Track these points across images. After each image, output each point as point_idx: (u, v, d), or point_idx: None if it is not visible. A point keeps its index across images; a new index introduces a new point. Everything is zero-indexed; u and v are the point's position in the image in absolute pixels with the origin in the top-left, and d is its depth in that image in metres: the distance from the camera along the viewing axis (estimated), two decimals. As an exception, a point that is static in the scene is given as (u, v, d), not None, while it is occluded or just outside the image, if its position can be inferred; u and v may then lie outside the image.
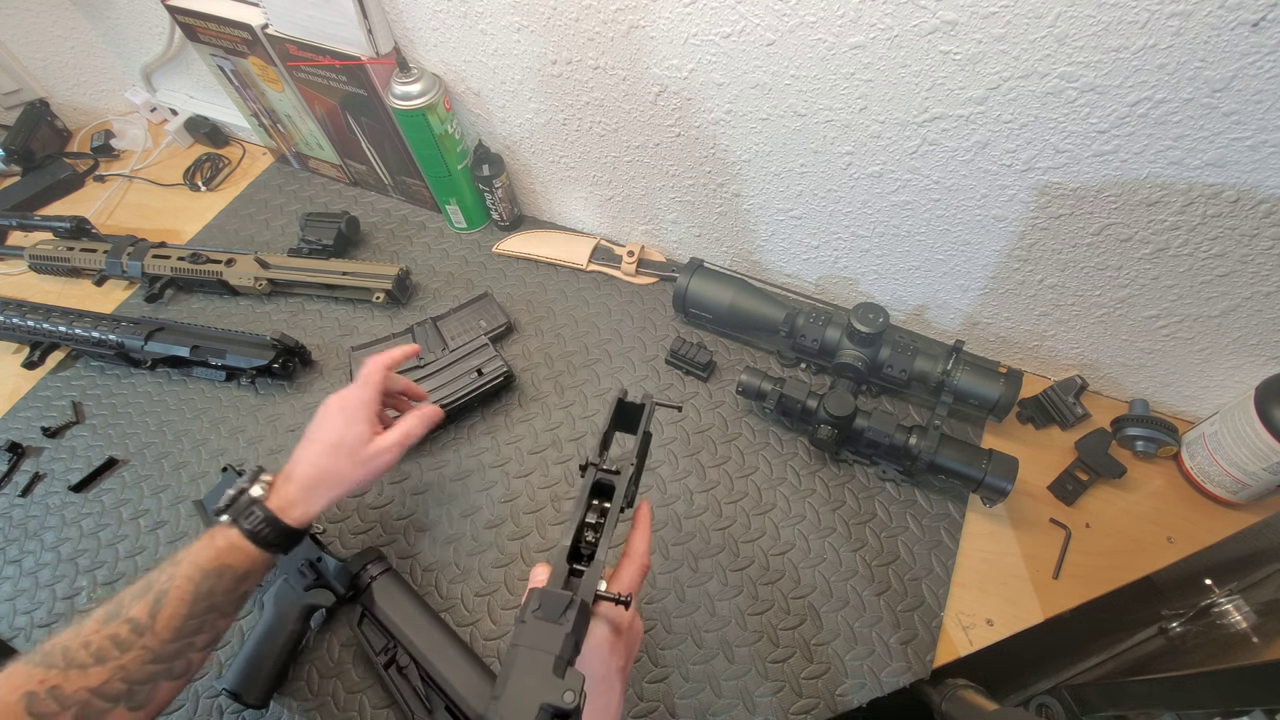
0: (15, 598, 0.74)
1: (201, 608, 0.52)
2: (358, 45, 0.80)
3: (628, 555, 0.48)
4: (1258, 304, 0.61)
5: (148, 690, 0.49)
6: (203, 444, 0.84)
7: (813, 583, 0.69)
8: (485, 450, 0.80)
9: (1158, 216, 0.58)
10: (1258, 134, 0.49)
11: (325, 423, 0.62)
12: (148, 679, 0.49)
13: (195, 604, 0.52)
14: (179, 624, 0.51)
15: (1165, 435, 0.71)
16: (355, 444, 0.61)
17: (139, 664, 0.49)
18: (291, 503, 0.57)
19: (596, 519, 0.46)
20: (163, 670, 0.50)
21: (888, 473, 0.74)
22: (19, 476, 0.83)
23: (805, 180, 0.73)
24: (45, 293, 1.00)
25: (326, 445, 0.60)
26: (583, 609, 0.40)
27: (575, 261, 0.95)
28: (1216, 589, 0.67)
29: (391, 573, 0.69)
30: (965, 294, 0.76)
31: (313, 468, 0.59)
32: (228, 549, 0.54)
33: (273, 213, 1.08)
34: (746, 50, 0.62)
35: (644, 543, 0.49)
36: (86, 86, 1.20)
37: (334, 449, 0.60)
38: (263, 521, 0.56)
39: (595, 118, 0.79)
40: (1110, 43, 0.49)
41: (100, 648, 0.48)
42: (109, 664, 0.48)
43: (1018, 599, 0.67)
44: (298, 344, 0.87)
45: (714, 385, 0.84)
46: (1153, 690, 0.58)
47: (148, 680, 0.49)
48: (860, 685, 0.63)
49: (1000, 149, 0.59)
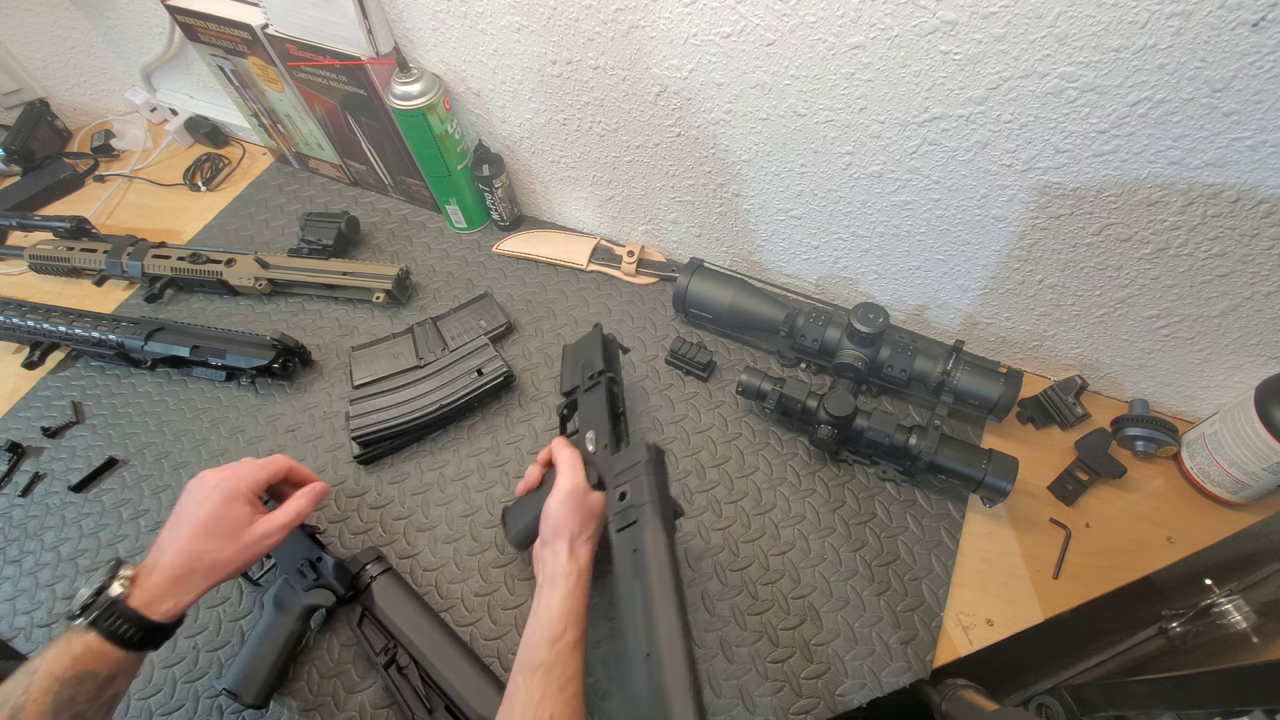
0: (15, 598, 0.74)
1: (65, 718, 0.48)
2: (358, 45, 0.80)
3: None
4: (1258, 304, 0.61)
5: None
6: (203, 444, 0.84)
7: (813, 583, 0.69)
8: (485, 450, 0.80)
9: (1158, 216, 0.58)
10: (1258, 134, 0.50)
11: (199, 504, 0.57)
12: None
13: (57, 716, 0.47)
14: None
15: (1165, 435, 0.71)
16: (235, 526, 0.56)
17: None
18: (158, 597, 0.52)
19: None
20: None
21: (888, 473, 0.74)
22: (19, 476, 0.83)
23: (805, 180, 0.73)
24: (45, 293, 1.00)
25: (200, 528, 0.55)
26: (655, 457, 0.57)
27: (575, 261, 0.95)
28: (1216, 589, 0.67)
29: (391, 573, 0.69)
30: (965, 294, 0.76)
31: (183, 555, 0.54)
32: (86, 655, 0.49)
33: (273, 213, 1.08)
34: (746, 50, 0.62)
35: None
36: (86, 86, 1.20)
37: (210, 532, 0.55)
38: (124, 621, 0.51)
39: (595, 118, 0.79)
40: (1110, 43, 0.49)
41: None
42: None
43: (1018, 599, 0.67)
44: (298, 344, 0.87)
45: (714, 385, 0.84)
46: (1153, 690, 0.58)
47: None
48: (860, 685, 0.63)
49: (1000, 149, 0.59)
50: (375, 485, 0.78)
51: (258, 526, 0.58)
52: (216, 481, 0.58)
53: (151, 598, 0.52)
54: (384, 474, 0.79)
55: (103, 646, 0.50)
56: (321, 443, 0.82)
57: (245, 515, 0.57)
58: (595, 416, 0.68)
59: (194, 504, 0.57)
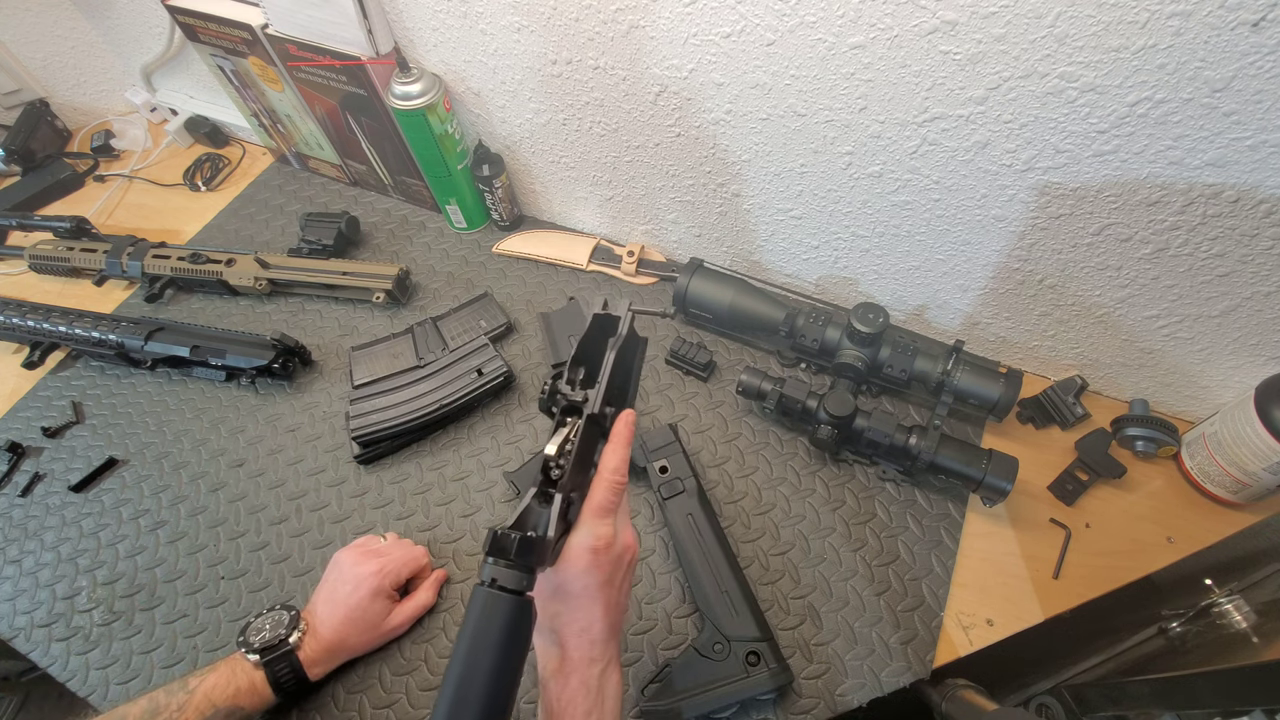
0: (15, 598, 0.74)
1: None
2: (358, 45, 0.80)
3: (598, 472, 0.47)
4: (1258, 304, 0.61)
5: None
6: (203, 444, 0.84)
7: (813, 583, 0.69)
8: (485, 450, 0.80)
9: (1158, 216, 0.58)
10: (1258, 134, 0.49)
11: (352, 589, 0.62)
12: None
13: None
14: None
15: (1165, 435, 0.71)
16: (376, 620, 0.62)
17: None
18: (314, 661, 0.59)
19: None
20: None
21: (888, 473, 0.74)
22: (19, 476, 0.83)
23: (805, 180, 0.73)
24: (45, 293, 1.00)
25: (348, 616, 0.61)
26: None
27: (575, 261, 0.95)
28: (1216, 589, 0.67)
29: None
30: (965, 294, 0.76)
31: (336, 635, 0.60)
32: (248, 691, 0.54)
33: (273, 213, 1.08)
34: (746, 50, 0.62)
35: (616, 458, 0.47)
36: (86, 86, 1.20)
37: (355, 621, 0.61)
38: (291, 671, 0.57)
39: (595, 118, 0.79)
40: (1110, 43, 0.49)
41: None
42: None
43: (1018, 599, 0.67)
44: (298, 344, 0.87)
45: (714, 385, 0.84)
46: (1153, 690, 0.58)
47: None
48: (860, 685, 0.63)
49: (1000, 149, 0.59)
50: (376, 485, 0.78)
51: (391, 619, 0.64)
52: (368, 574, 0.63)
53: (309, 660, 0.58)
54: (384, 474, 0.79)
55: (264, 688, 0.55)
56: (321, 443, 0.82)
57: (385, 609, 0.63)
58: None
59: (348, 588, 0.62)
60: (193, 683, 0.53)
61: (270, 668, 0.56)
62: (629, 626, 0.67)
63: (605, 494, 0.46)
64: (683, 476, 0.71)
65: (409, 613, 0.65)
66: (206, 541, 0.76)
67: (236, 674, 0.55)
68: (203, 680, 0.54)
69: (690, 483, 0.71)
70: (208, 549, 0.76)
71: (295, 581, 0.72)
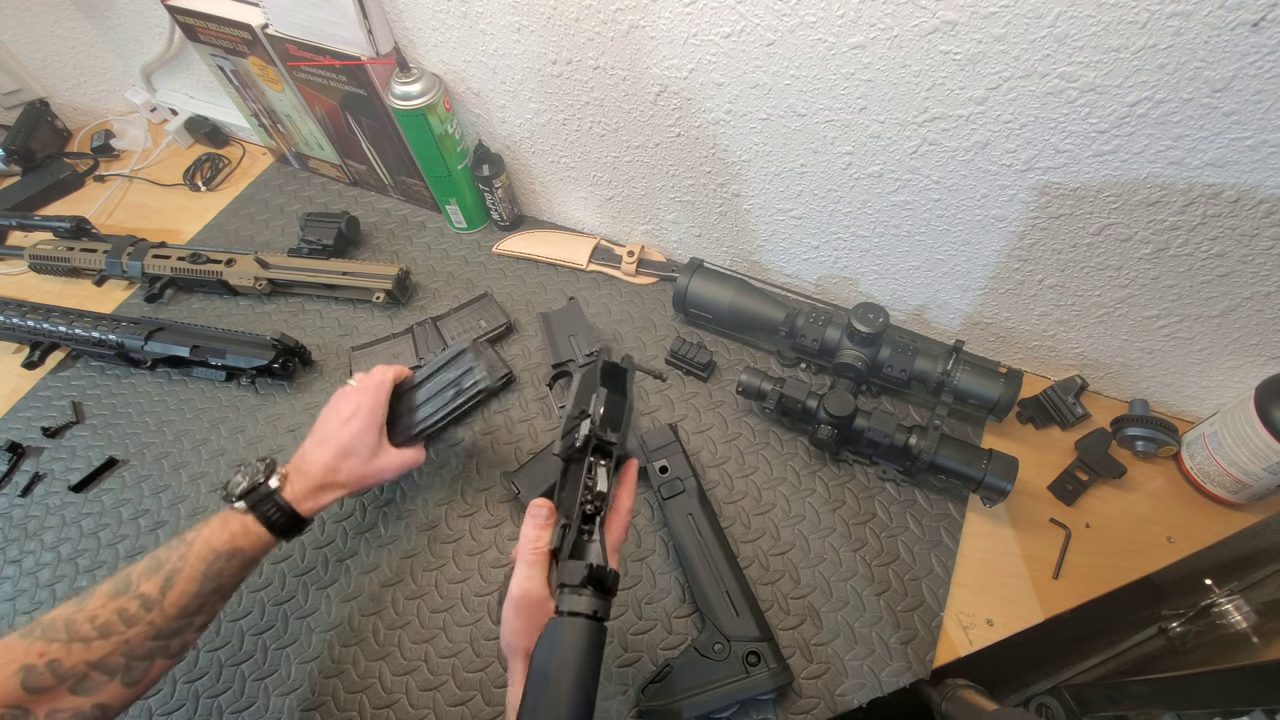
0: (15, 597, 0.74)
1: (209, 588, 0.54)
2: (358, 45, 0.80)
3: (614, 511, 0.53)
4: (1258, 304, 0.61)
5: (144, 666, 0.51)
6: (203, 444, 0.84)
7: (813, 583, 0.69)
8: (485, 450, 0.80)
9: (1158, 216, 0.58)
10: (1258, 134, 0.49)
11: (343, 423, 0.63)
12: (147, 655, 0.51)
13: (204, 584, 0.54)
14: (186, 602, 0.52)
15: (1165, 435, 0.71)
16: (366, 454, 0.63)
17: (141, 639, 0.50)
18: (303, 497, 0.60)
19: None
20: (161, 647, 0.52)
21: (888, 473, 0.74)
22: (19, 476, 0.83)
23: (805, 180, 0.73)
24: (45, 293, 1.00)
25: (339, 450, 0.62)
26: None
27: (575, 261, 0.95)
28: (1216, 589, 0.67)
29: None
30: (965, 294, 0.76)
31: (323, 469, 0.61)
32: (241, 533, 0.56)
33: (273, 213, 1.08)
34: (746, 50, 0.62)
35: (630, 499, 0.55)
36: (86, 86, 1.20)
37: (345, 455, 0.62)
38: (278, 510, 0.58)
39: (595, 118, 0.79)
40: (1110, 43, 0.49)
41: (106, 622, 0.49)
42: (112, 638, 0.49)
43: (1018, 599, 0.67)
44: (298, 344, 0.87)
45: (714, 385, 0.84)
46: (1153, 690, 0.58)
47: (146, 656, 0.51)
48: (860, 685, 0.63)
49: (1000, 149, 0.59)
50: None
51: (381, 459, 0.64)
52: (353, 409, 0.64)
53: (296, 497, 0.60)
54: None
55: (256, 528, 0.57)
56: (321, 443, 0.82)
57: (374, 444, 0.64)
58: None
59: (339, 421, 0.64)
60: (189, 536, 0.55)
61: (258, 509, 0.57)
62: (629, 627, 0.67)
63: (623, 531, 0.53)
64: (683, 476, 0.71)
65: (398, 460, 0.66)
66: (206, 541, 0.76)
67: (228, 521, 0.56)
68: (199, 532, 0.55)
69: (690, 483, 0.71)
70: (208, 549, 0.76)
71: (296, 581, 0.72)
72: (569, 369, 0.79)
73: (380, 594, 0.71)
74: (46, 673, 0.46)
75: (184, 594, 0.52)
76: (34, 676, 0.46)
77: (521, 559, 0.50)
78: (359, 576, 0.72)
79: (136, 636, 0.50)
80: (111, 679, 0.49)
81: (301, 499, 0.60)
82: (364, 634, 0.69)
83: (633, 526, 0.73)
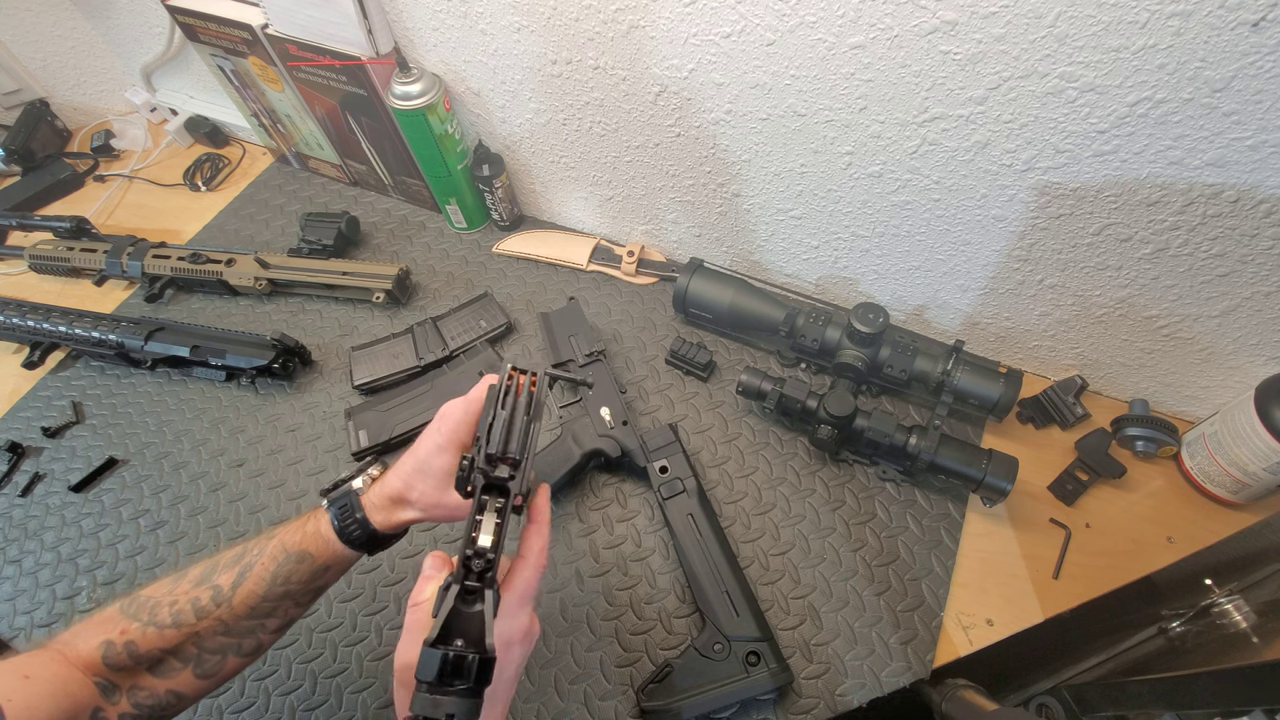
0: (15, 598, 0.74)
1: (278, 592, 0.50)
2: (358, 45, 0.80)
3: (521, 556, 0.45)
4: (1258, 304, 0.61)
5: (216, 660, 0.50)
6: (203, 444, 0.84)
7: (813, 583, 0.69)
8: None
9: (1158, 216, 0.58)
10: (1258, 134, 0.49)
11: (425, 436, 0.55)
12: (218, 650, 0.50)
13: (272, 586, 0.50)
14: (254, 603, 0.50)
15: (1165, 435, 0.71)
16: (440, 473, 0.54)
17: (211, 634, 0.49)
18: (377, 506, 0.54)
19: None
20: (232, 645, 0.50)
21: (888, 473, 0.74)
22: (19, 476, 0.83)
23: (805, 180, 0.73)
24: (45, 293, 1.00)
25: (416, 465, 0.54)
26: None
27: (575, 261, 0.95)
28: (1216, 589, 0.67)
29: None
30: (965, 294, 0.76)
31: (402, 482, 0.54)
32: (314, 536, 0.52)
33: (273, 213, 1.08)
34: (746, 50, 0.62)
35: (542, 540, 0.46)
36: (86, 86, 1.20)
37: (423, 472, 0.53)
38: (351, 518, 0.53)
39: (595, 118, 0.79)
40: (1110, 43, 0.49)
41: (181, 610, 0.48)
42: (184, 629, 0.48)
43: (1018, 599, 0.67)
44: (298, 344, 0.87)
45: (714, 385, 0.84)
46: (1153, 690, 0.58)
47: (218, 651, 0.50)
48: (860, 685, 0.63)
49: (1000, 149, 0.59)
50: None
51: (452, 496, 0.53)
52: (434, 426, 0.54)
53: (373, 505, 0.54)
54: (384, 474, 0.79)
55: (329, 533, 0.52)
56: (321, 443, 0.82)
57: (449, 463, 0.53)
58: (605, 392, 0.76)
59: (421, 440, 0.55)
60: (277, 530, 0.53)
61: (334, 507, 0.53)
62: (629, 627, 0.67)
63: (532, 579, 0.44)
64: (683, 476, 0.71)
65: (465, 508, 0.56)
66: (206, 541, 0.76)
67: (309, 520, 0.53)
68: (285, 527, 0.53)
69: (690, 483, 0.71)
70: (208, 549, 0.76)
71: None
72: (570, 367, 0.80)
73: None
74: (124, 652, 0.46)
75: (252, 594, 0.50)
76: (113, 654, 0.46)
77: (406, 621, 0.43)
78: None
79: (206, 630, 0.49)
80: (185, 666, 0.48)
81: (376, 508, 0.53)
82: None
83: (632, 526, 0.73)
